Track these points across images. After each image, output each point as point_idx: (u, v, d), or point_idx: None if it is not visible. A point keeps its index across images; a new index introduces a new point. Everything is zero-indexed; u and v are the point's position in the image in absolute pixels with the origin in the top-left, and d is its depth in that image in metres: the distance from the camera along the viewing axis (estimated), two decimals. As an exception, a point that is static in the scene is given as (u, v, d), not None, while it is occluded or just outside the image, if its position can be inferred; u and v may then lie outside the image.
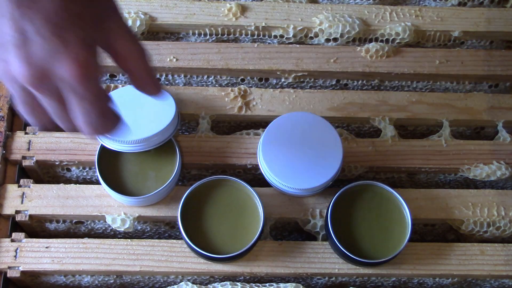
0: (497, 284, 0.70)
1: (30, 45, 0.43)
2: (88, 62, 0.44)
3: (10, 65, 0.44)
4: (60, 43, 0.43)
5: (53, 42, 0.43)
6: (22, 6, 0.42)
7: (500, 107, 0.76)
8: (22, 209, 0.67)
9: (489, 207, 0.70)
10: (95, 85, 0.46)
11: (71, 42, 0.44)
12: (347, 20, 0.77)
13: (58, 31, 0.43)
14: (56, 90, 0.45)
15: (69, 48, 0.43)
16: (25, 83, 0.44)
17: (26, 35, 0.43)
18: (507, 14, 0.80)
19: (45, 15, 0.43)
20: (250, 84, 0.78)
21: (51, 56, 0.43)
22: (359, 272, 0.66)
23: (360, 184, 0.66)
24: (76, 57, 0.44)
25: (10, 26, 0.43)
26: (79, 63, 0.44)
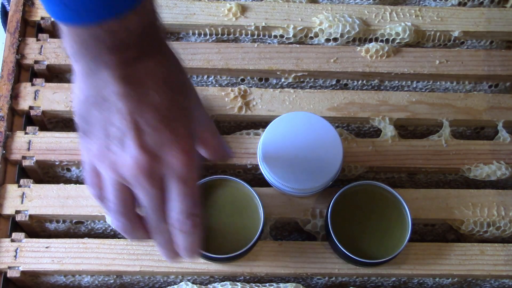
0: (497, 284, 0.70)
1: (143, 135, 0.46)
2: (193, 151, 0.49)
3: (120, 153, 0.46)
4: (171, 134, 0.46)
5: (165, 132, 0.46)
6: (133, 100, 0.45)
7: (500, 107, 0.76)
8: (22, 209, 0.67)
9: (489, 207, 0.70)
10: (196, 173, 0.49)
11: (181, 132, 0.47)
12: (347, 20, 0.77)
13: (169, 122, 0.46)
14: (161, 179, 0.47)
15: (179, 138, 0.47)
16: (137, 170, 0.46)
17: (138, 126, 0.45)
18: (507, 14, 0.80)
19: (156, 108, 0.46)
20: (250, 84, 0.78)
21: (163, 145, 0.46)
22: (359, 272, 0.66)
23: (360, 184, 0.66)
24: (185, 146, 0.47)
25: (122, 119, 0.45)
26: (187, 152, 0.47)
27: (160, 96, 0.46)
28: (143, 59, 0.46)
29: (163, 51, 0.48)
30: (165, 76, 0.47)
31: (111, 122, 0.46)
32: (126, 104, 0.45)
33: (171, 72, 0.48)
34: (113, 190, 0.48)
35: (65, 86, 0.73)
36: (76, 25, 0.43)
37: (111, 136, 0.46)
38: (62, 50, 0.75)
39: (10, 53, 0.74)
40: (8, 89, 0.72)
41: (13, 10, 0.76)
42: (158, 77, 0.47)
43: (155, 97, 0.46)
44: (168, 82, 0.47)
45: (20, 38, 0.75)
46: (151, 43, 0.47)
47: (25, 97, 0.72)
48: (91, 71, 0.46)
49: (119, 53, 0.45)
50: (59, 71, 0.76)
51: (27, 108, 0.72)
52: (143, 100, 0.46)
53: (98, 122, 0.46)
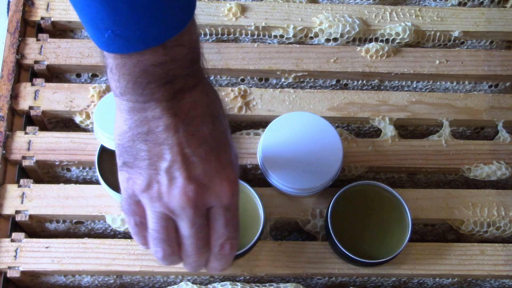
0: (497, 284, 0.70)
1: (191, 166, 0.47)
2: (237, 178, 0.50)
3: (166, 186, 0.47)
4: (218, 164, 0.48)
5: (212, 162, 0.47)
6: (181, 132, 0.46)
7: (500, 107, 0.76)
8: (22, 209, 0.67)
9: (489, 207, 0.70)
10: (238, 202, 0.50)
11: (226, 161, 0.48)
12: (347, 20, 0.77)
13: (215, 152, 0.48)
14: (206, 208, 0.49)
15: (225, 167, 0.48)
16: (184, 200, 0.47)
17: (186, 157, 0.46)
18: (507, 14, 0.80)
19: (203, 138, 0.47)
20: (250, 84, 0.78)
21: (211, 175, 0.47)
22: (359, 272, 0.66)
23: (360, 184, 0.66)
24: (230, 175, 0.48)
25: (170, 150, 0.46)
26: (232, 180, 0.49)
27: (207, 126, 0.47)
28: (190, 90, 0.47)
29: (205, 80, 0.49)
30: (209, 106, 0.48)
31: (159, 154, 0.46)
32: (174, 136, 0.46)
33: (213, 101, 0.49)
34: (157, 220, 0.49)
35: (65, 86, 0.73)
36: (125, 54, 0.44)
37: (159, 168, 0.47)
38: (62, 50, 0.75)
39: (10, 53, 0.74)
40: (8, 89, 0.72)
41: (13, 10, 0.76)
42: (204, 108, 0.47)
43: (202, 127, 0.47)
44: (212, 111, 0.48)
45: (20, 38, 0.75)
46: (196, 73, 0.47)
47: (25, 97, 0.72)
48: (139, 104, 0.46)
49: (167, 85, 0.45)
50: (59, 71, 0.76)
51: (27, 108, 0.72)
52: (190, 131, 0.46)
53: (144, 153, 0.47)
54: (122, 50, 0.43)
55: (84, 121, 0.72)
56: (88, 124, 0.72)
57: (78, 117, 0.72)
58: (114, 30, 0.42)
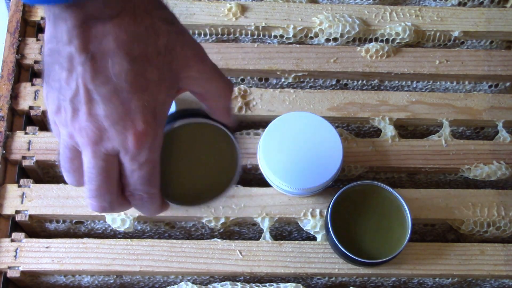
0: (497, 284, 0.70)
1: (94, 105, 0.43)
2: (149, 132, 0.44)
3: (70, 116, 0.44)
4: (124, 109, 0.43)
5: (117, 106, 0.43)
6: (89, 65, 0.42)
7: (500, 107, 0.76)
8: (22, 209, 0.67)
9: (489, 207, 0.70)
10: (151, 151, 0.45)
11: (135, 108, 0.43)
12: (347, 20, 0.77)
13: (123, 95, 0.43)
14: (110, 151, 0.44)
15: (132, 114, 0.43)
16: (84, 138, 0.43)
17: (91, 94, 0.42)
18: (507, 14, 0.80)
19: (111, 77, 0.42)
20: (250, 84, 0.78)
21: (114, 120, 0.43)
22: (359, 272, 0.66)
23: (360, 184, 0.66)
24: (138, 123, 0.43)
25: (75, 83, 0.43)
26: (140, 132, 0.43)
27: (117, 64, 0.42)
28: (104, 20, 0.42)
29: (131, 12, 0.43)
30: (126, 42, 0.43)
31: (66, 82, 0.43)
32: (80, 67, 0.42)
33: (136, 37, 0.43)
34: (63, 147, 0.46)
35: (65, 86, 0.73)
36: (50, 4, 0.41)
37: (66, 96, 0.43)
38: None
39: (10, 53, 0.74)
40: (8, 89, 0.72)
41: (13, 10, 0.76)
42: (117, 43, 0.42)
43: (111, 64, 0.42)
44: (129, 48, 0.43)
45: (20, 38, 0.75)
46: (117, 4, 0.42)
47: (25, 97, 0.72)
48: (54, 18, 0.42)
49: (79, 9, 0.41)
50: (59, 71, 0.76)
51: (27, 108, 0.72)
52: (97, 66, 0.42)
53: (56, 74, 0.43)
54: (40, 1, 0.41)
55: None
56: (88, 124, 0.72)
57: (78, 117, 0.72)
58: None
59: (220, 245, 0.66)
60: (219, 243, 0.67)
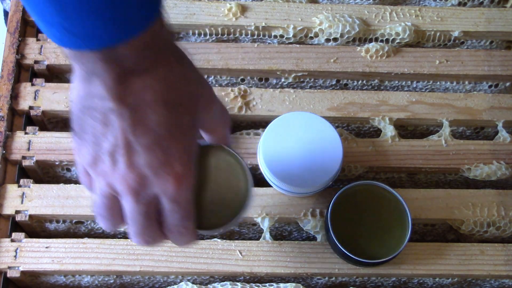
0: (497, 284, 0.70)
1: (134, 154, 0.44)
2: (188, 172, 0.46)
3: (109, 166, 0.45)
4: (164, 155, 0.45)
5: (157, 153, 0.44)
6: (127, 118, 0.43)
7: (500, 107, 0.76)
8: (22, 209, 0.67)
9: (489, 207, 0.70)
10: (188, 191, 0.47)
11: (174, 153, 0.45)
12: (347, 20, 0.77)
13: (162, 142, 0.45)
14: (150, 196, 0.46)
15: (172, 160, 0.45)
16: (122, 184, 0.45)
17: (130, 144, 0.44)
18: (507, 14, 0.80)
19: (150, 127, 0.44)
20: (250, 84, 0.78)
21: (155, 167, 0.45)
22: (359, 272, 0.66)
23: (360, 184, 0.66)
24: (178, 168, 0.45)
25: (114, 135, 0.44)
26: (179, 175, 0.45)
27: (156, 114, 0.44)
28: (141, 73, 0.43)
29: (165, 62, 0.45)
30: (163, 92, 0.44)
31: (104, 134, 0.44)
32: (119, 121, 0.43)
33: (172, 86, 0.45)
34: (100, 196, 0.47)
35: (65, 86, 0.73)
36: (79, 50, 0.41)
37: (103, 147, 0.45)
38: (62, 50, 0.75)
39: (10, 53, 0.74)
40: (8, 89, 0.72)
41: (13, 10, 0.76)
42: (155, 94, 0.44)
43: (150, 115, 0.44)
44: (167, 98, 0.45)
45: (20, 38, 0.75)
46: (152, 56, 0.44)
47: (25, 97, 0.72)
48: (88, 76, 0.43)
49: (114, 64, 0.42)
50: (59, 71, 0.76)
51: (27, 108, 0.72)
52: (137, 119, 0.43)
53: (91, 129, 0.45)
54: (75, 46, 0.41)
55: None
56: (88, 124, 0.72)
57: (78, 117, 0.72)
58: (64, 26, 0.39)
59: (220, 245, 0.66)
60: (219, 243, 0.67)
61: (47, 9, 0.39)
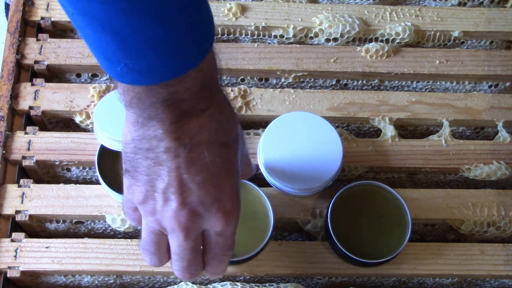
0: (497, 284, 0.70)
1: (187, 192, 0.46)
2: (236, 207, 0.49)
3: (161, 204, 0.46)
4: (216, 192, 0.47)
5: (209, 191, 0.46)
6: (182, 157, 0.45)
7: (500, 107, 0.76)
8: (22, 209, 0.67)
9: (489, 207, 0.70)
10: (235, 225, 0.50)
11: (226, 190, 0.47)
12: (347, 20, 0.77)
13: (215, 181, 0.46)
14: (198, 232, 0.48)
15: (223, 197, 0.47)
16: (175, 224, 0.47)
17: (184, 182, 0.45)
18: (507, 14, 0.80)
19: (204, 166, 0.46)
20: (250, 84, 0.78)
21: (207, 204, 0.46)
22: (359, 272, 0.66)
23: (360, 184, 0.66)
24: (227, 205, 0.47)
25: (168, 173, 0.45)
26: (229, 211, 0.48)
27: (211, 153, 0.46)
28: (198, 114, 0.45)
29: (217, 103, 0.47)
30: (217, 131, 0.46)
31: (158, 173, 0.46)
32: (174, 160, 0.45)
33: (223, 125, 0.47)
34: (148, 233, 0.49)
35: (65, 86, 0.73)
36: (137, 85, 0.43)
37: (156, 186, 0.46)
38: (62, 50, 0.75)
39: (10, 53, 0.74)
40: (8, 89, 0.72)
41: (13, 10, 0.76)
42: (211, 134, 0.46)
43: (205, 154, 0.46)
44: (220, 137, 0.47)
45: (20, 38, 0.75)
46: (207, 97, 0.45)
47: (25, 97, 0.72)
48: (143, 120, 0.45)
49: (172, 107, 0.43)
50: (59, 71, 0.76)
51: (27, 108, 0.72)
52: (192, 157, 0.45)
53: (144, 169, 0.46)
54: (136, 82, 0.42)
55: (84, 121, 0.72)
56: (88, 124, 0.72)
57: (78, 117, 0.72)
58: (126, 63, 0.41)
59: (220, 245, 0.66)
60: (219, 243, 0.66)
61: (110, 48, 0.41)
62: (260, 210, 0.64)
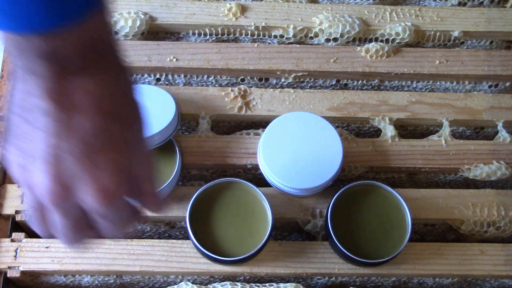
0: (497, 284, 0.70)
1: (59, 162, 0.41)
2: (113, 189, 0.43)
3: (34, 176, 0.42)
4: (91, 167, 0.42)
5: (83, 164, 0.41)
6: (57, 121, 0.41)
7: (500, 107, 0.76)
8: (22, 209, 0.67)
9: (489, 207, 0.70)
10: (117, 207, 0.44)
11: (102, 166, 0.42)
12: (347, 20, 0.77)
13: (91, 153, 0.42)
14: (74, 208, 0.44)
15: (98, 173, 0.42)
16: (45, 198, 0.42)
17: (56, 151, 0.41)
18: (507, 14, 0.80)
19: (81, 134, 0.41)
20: (250, 84, 0.78)
21: (79, 178, 0.42)
22: (359, 272, 0.66)
23: (360, 184, 0.66)
24: (103, 182, 0.42)
25: (40, 139, 0.41)
26: (103, 190, 0.42)
27: (91, 121, 0.41)
28: (81, 75, 0.41)
29: (112, 72, 0.43)
30: (103, 99, 0.42)
31: (30, 138, 0.41)
32: (49, 123, 0.40)
33: (114, 96, 0.43)
34: (30, 209, 0.45)
35: (65, 86, 0.73)
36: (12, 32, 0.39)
37: (28, 154, 0.42)
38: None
39: (10, 53, 0.73)
40: (8, 89, 0.71)
41: (13, 10, 0.76)
42: (94, 99, 0.41)
43: (84, 121, 0.41)
44: (106, 107, 0.42)
45: (20, 38, 0.75)
46: (96, 59, 0.41)
47: (25, 97, 0.72)
48: (24, 74, 0.41)
49: (53, 62, 0.40)
50: (59, 71, 0.76)
51: (27, 108, 0.72)
52: (68, 123, 0.41)
53: (19, 132, 0.42)
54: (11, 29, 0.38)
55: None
56: (88, 124, 0.72)
57: (78, 117, 0.72)
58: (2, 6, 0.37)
59: (220, 245, 0.66)
60: (219, 243, 0.67)
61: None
62: (259, 210, 0.64)
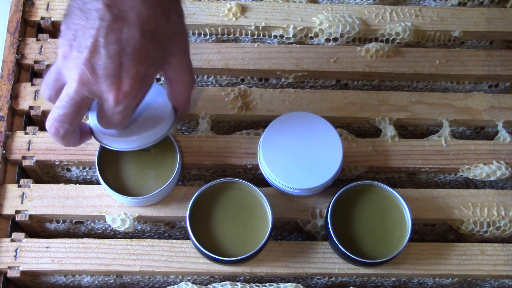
0: (497, 284, 0.70)
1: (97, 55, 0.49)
2: (130, 95, 0.51)
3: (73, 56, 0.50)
4: (120, 68, 0.50)
5: (115, 65, 0.50)
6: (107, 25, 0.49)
7: (500, 107, 0.76)
8: (22, 209, 0.67)
9: (489, 207, 0.70)
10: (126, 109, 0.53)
11: (130, 74, 0.50)
12: (347, 20, 0.77)
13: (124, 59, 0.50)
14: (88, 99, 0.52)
15: (124, 77, 0.50)
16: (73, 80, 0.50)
17: (98, 46, 0.49)
18: (507, 14, 0.80)
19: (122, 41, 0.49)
20: (250, 84, 0.78)
21: (108, 76, 0.50)
22: (359, 272, 0.66)
23: (360, 184, 0.66)
24: (125, 87, 0.51)
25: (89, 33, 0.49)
26: (123, 92, 0.51)
27: (132, 34, 0.49)
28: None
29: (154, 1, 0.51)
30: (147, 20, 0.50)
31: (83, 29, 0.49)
32: (99, 21, 0.48)
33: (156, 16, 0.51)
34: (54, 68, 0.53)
35: (65, 86, 0.73)
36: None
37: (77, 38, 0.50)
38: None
39: (10, 53, 0.74)
40: (8, 89, 0.72)
41: (13, 10, 0.76)
42: (140, 17, 0.49)
43: (126, 32, 0.49)
44: (148, 26, 0.50)
45: (20, 38, 0.75)
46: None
47: (25, 97, 0.72)
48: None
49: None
50: (59, 71, 0.76)
51: (27, 108, 0.72)
52: (112, 27, 0.49)
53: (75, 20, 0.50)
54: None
55: (84, 121, 0.72)
56: (88, 124, 0.72)
57: (78, 117, 0.72)
58: None
59: (220, 245, 0.66)
60: (219, 243, 0.67)
61: None
62: (259, 210, 0.64)
